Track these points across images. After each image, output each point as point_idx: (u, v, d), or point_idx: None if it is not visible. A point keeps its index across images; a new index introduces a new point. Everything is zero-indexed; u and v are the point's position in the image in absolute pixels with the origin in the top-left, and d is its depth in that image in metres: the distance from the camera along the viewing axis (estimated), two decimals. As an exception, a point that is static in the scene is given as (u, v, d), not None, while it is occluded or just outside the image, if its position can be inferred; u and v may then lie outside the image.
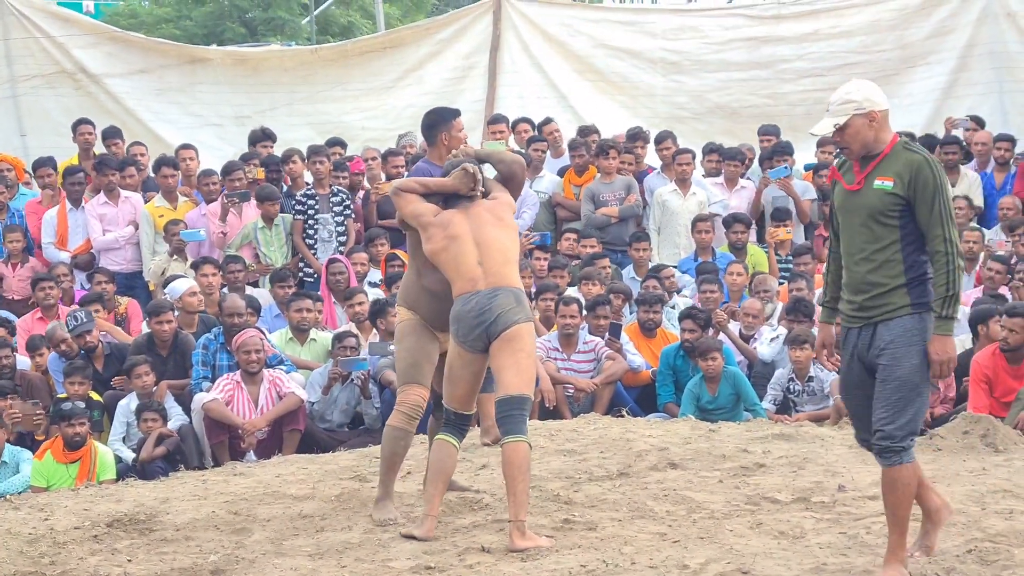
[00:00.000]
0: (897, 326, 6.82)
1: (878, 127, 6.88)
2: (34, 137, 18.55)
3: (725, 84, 18.77)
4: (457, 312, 8.05)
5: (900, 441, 6.79)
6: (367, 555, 7.58)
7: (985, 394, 10.97)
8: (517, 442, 7.84)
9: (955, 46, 18.23)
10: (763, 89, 18.69)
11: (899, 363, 6.80)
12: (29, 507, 9.20)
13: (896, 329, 6.82)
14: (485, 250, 8.11)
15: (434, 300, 8.41)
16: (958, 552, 7.13)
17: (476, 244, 8.13)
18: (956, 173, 15.96)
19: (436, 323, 8.43)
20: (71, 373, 12.25)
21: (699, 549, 7.42)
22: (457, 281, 8.08)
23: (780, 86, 18.67)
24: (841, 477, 8.82)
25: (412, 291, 8.53)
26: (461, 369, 8.10)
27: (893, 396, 6.79)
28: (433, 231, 8.20)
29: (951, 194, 6.88)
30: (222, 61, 19.31)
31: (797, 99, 18.52)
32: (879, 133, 6.89)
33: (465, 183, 8.35)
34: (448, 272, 8.16)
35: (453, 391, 8.16)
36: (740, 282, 14.10)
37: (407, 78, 19.05)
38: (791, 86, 18.64)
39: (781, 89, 18.65)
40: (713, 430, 10.53)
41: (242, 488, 9.41)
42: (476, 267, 8.06)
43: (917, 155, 6.82)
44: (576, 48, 19.04)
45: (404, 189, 8.39)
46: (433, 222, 8.22)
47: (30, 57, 18.64)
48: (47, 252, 15.13)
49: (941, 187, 6.75)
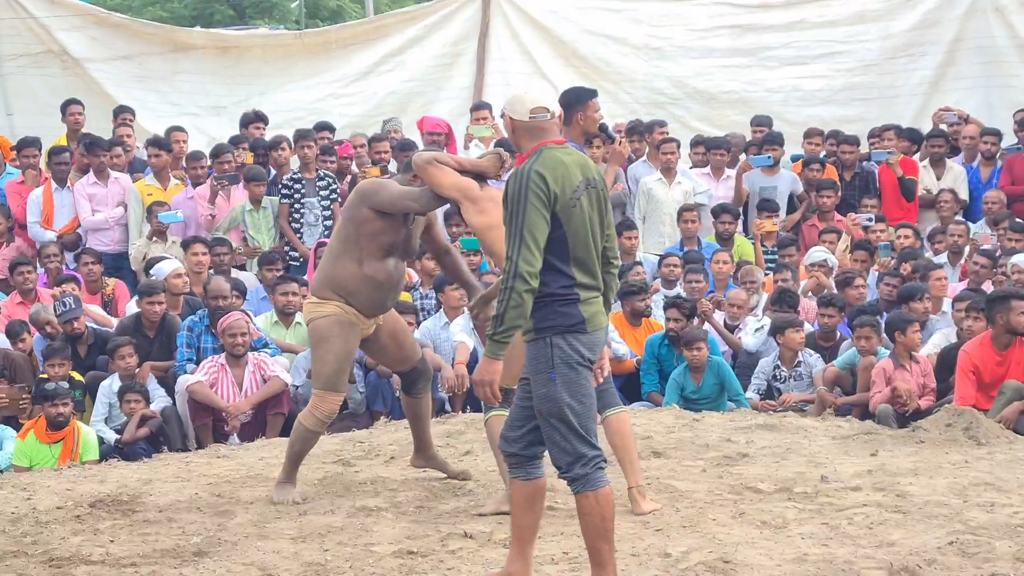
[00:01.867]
0: (528, 352, 6.60)
1: (518, 135, 6.69)
2: (20, 117, 18.50)
3: (707, 70, 18.76)
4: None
5: (566, 472, 6.49)
6: (349, 539, 7.58)
7: (972, 385, 11.00)
8: (621, 412, 8.24)
9: (942, 40, 18.24)
10: (744, 76, 18.67)
11: (535, 394, 6.54)
12: (11, 486, 9.20)
13: (527, 356, 6.61)
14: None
15: (376, 289, 8.47)
16: (939, 544, 7.15)
17: None
18: (942, 166, 16.01)
19: (372, 311, 8.51)
20: (50, 355, 12.21)
21: (681, 538, 7.44)
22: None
23: (761, 73, 18.65)
24: (824, 468, 8.86)
25: (349, 280, 8.46)
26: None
27: (543, 429, 6.54)
28: (487, 204, 8.15)
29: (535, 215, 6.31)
30: (205, 49, 19.23)
31: (776, 86, 18.53)
32: (519, 140, 6.70)
33: (496, 167, 8.38)
34: (499, 246, 7.96)
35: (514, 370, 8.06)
36: (726, 271, 14.11)
37: (387, 63, 19.01)
38: (772, 74, 18.63)
39: (761, 76, 18.64)
40: (697, 419, 10.56)
41: (225, 471, 9.43)
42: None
43: (522, 168, 6.49)
44: (563, 35, 19.00)
45: (440, 161, 8.31)
46: (483, 195, 8.20)
47: (17, 36, 18.59)
48: (33, 231, 15.09)
49: (519, 202, 6.36)
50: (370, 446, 10.06)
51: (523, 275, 6.28)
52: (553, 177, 6.42)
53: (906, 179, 15.58)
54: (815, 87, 18.49)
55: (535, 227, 6.34)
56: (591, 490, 6.44)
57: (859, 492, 8.27)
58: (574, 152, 6.67)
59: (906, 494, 8.16)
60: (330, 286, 8.52)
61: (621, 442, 8.20)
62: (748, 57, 18.69)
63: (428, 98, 18.83)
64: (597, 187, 6.61)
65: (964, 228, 14.64)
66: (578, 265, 6.49)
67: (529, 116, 6.64)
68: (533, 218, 6.34)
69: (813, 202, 15.56)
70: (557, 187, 6.41)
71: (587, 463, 6.45)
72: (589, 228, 6.52)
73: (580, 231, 6.48)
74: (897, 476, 8.60)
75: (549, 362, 6.45)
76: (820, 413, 11.44)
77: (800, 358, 12.33)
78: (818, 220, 15.45)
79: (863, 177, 15.91)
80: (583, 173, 6.56)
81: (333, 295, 8.50)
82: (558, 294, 6.44)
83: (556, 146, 6.59)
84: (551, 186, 6.39)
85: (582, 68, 18.82)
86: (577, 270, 6.49)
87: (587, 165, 6.63)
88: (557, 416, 6.45)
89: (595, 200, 6.59)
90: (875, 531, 7.47)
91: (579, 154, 6.70)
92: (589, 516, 6.45)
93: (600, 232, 6.62)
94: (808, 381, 12.29)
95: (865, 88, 18.41)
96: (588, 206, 6.53)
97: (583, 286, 6.51)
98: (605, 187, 6.70)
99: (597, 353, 6.57)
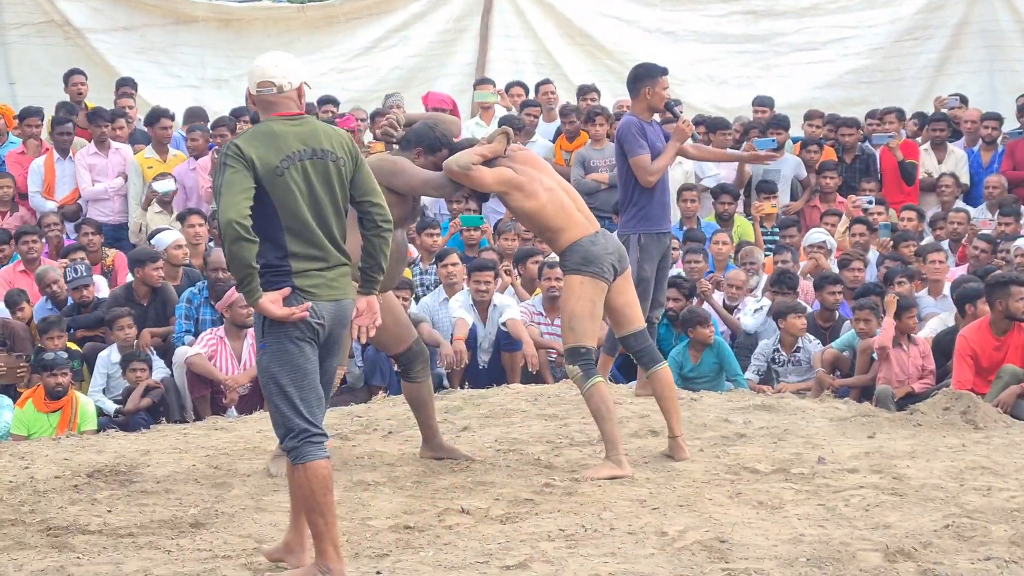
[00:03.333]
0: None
1: (257, 107, 6.73)
2: (23, 86, 18.48)
3: (720, 55, 18.76)
4: (593, 252, 8.38)
5: (281, 442, 6.57)
6: (346, 513, 7.58)
7: (970, 369, 11.01)
8: (665, 366, 8.77)
9: (947, 23, 18.25)
10: (756, 61, 18.69)
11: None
12: (10, 455, 9.21)
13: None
14: (572, 195, 8.57)
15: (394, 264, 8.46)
16: (935, 527, 7.15)
17: (564, 191, 8.52)
18: (944, 150, 16.01)
19: (389, 285, 8.53)
20: (47, 329, 12.16)
21: (678, 516, 7.45)
22: (571, 228, 8.39)
23: (773, 59, 18.67)
24: (821, 449, 8.86)
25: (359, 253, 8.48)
26: (602, 303, 8.51)
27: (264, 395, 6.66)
28: (532, 187, 8.35)
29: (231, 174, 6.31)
30: (207, 21, 19.21)
31: (787, 71, 18.53)
32: (257, 112, 6.77)
33: (503, 145, 8.44)
34: (556, 222, 8.39)
35: (596, 328, 8.58)
36: (725, 251, 14.12)
37: (391, 38, 19.00)
38: (784, 59, 18.64)
39: (775, 61, 18.65)
40: (695, 399, 10.55)
41: (223, 443, 9.44)
42: (577, 212, 8.46)
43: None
44: (570, 13, 18.99)
45: (473, 164, 8.27)
46: (526, 181, 8.37)
47: (20, 5, 18.62)
48: (34, 201, 15.10)
49: (218, 170, 6.46)
50: (368, 420, 10.07)
51: (230, 224, 6.25)
52: (253, 147, 6.41)
53: (906, 163, 15.58)
54: (823, 72, 18.50)
55: (232, 182, 6.33)
56: (300, 463, 6.45)
57: (856, 474, 8.28)
58: (305, 123, 6.57)
59: (903, 477, 8.17)
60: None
61: (664, 393, 8.66)
62: (761, 43, 18.71)
63: (431, 73, 18.84)
64: (327, 158, 6.53)
65: (964, 216, 14.64)
66: (292, 235, 6.45)
67: (256, 90, 6.64)
68: (229, 176, 6.36)
69: (815, 183, 15.56)
70: (256, 155, 6.38)
71: (297, 435, 6.45)
72: (306, 198, 6.46)
73: (290, 201, 6.43)
74: (894, 459, 8.60)
75: (260, 331, 6.49)
76: (818, 395, 11.45)
77: (800, 343, 12.33)
78: (820, 201, 15.46)
79: (863, 160, 15.92)
80: (306, 143, 6.49)
81: None
82: (272, 264, 6.43)
83: (281, 118, 6.55)
84: (246, 153, 6.38)
85: (587, 47, 18.81)
86: (291, 240, 6.45)
87: (314, 136, 6.53)
88: (268, 386, 6.49)
89: (322, 169, 6.51)
90: (871, 513, 7.48)
91: (311, 125, 6.59)
92: (299, 489, 6.49)
93: (331, 201, 6.53)
94: (807, 367, 12.29)
95: (870, 72, 18.44)
96: (307, 175, 6.46)
97: (299, 256, 6.46)
98: (352, 157, 6.61)
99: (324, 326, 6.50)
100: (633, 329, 8.65)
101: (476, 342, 12.58)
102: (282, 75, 6.60)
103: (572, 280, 8.42)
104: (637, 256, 10.14)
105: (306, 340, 6.45)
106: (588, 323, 8.42)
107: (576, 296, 8.40)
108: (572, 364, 8.42)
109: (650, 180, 10.11)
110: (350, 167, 6.60)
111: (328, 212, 6.52)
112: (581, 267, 8.38)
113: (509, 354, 12.52)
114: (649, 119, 10.30)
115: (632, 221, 10.24)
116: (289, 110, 6.59)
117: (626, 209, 10.32)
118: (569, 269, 8.45)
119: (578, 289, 8.39)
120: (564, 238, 8.41)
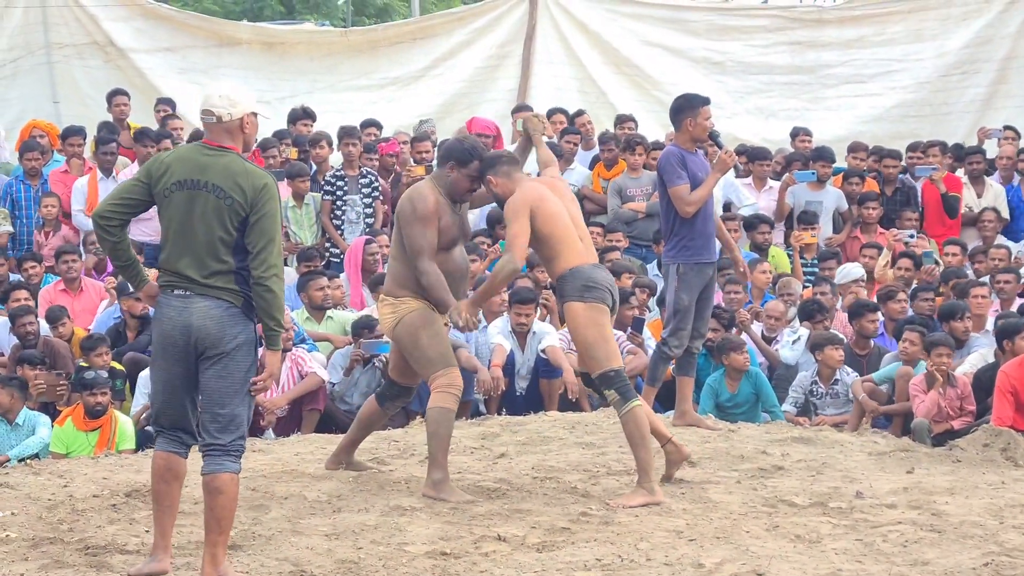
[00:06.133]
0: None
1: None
2: (66, 105, 18.63)
3: (767, 87, 18.78)
4: (594, 277, 8.47)
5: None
6: (383, 537, 7.60)
7: (1011, 405, 10.93)
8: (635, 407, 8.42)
9: (993, 57, 18.23)
10: (804, 93, 18.71)
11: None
12: (49, 473, 9.25)
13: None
14: (578, 224, 8.71)
15: (450, 281, 8.64)
16: (974, 565, 7.11)
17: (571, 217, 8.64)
18: (982, 184, 15.93)
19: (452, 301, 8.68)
20: (93, 347, 12.22)
21: (715, 549, 7.43)
22: (569, 254, 8.49)
23: (821, 91, 18.70)
24: (859, 483, 8.82)
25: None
26: (611, 326, 8.68)
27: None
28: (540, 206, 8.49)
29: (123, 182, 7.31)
30: (250, 44, 19.32)
31: (835, 104, 18.55)
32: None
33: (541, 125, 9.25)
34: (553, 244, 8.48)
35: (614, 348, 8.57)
36: (764, 280, 14.08)
37: (438, 67, 19.08)
38: (831, 91, 18.67)
39: (822, 94, 18.68)
40: (732, 430, 10.52)
41: (260, 465, 9.44)
42: (578, 241, 8.57)
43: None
44: (614, 42, 19.03)
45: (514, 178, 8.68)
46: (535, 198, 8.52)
47: (64, 26, 18.78)
48: (77, 219, 15.18)
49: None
50: (405, 445, 10.07)
51: (92, 218, 7.05)
52: (159, 163, 6.94)
53: (949, 196, 15.53)
54: (870, 105, 18.51)
55: (120, 187, 7.10)
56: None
57: (894, 509, 8.24)
58: (220, 156, 6.87)
59: (942, 513, 8.13)
60: (407, 285, 8.62)
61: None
62: (808, 74, 18.76)
63: (474, 99, 18.88)
64: (215, 193, 6.79)
65: (1006, 252, 14.57)
66: (166, 254, 6.92)
67: (200, 116, 7.01)
68: (124, 182, 7.21)
69: (856, 215, 15.52)
70: (156, 173, 6.90)
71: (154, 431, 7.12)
72: (182, 223, 6.82)
73: (168, 224, 6.89)
74: (933, 495, 8.56)
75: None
76: (856, 427, 11.40)
77: (838, 376, 12.28)
78: (860, 233, 15.41)
79: (904, 192, 15.87)
80: (203, 175, 6.83)
81: (409, 293, 8.60)
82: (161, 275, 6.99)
83: (204, 147, 6.95)
84: (152, 170, 6.93)
85: (634, 76, 18.86)
86: (164, 258, 6.93)
87: (218, 171, 6.83)
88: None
89: (203, 202, 6.81)
90: (910, 549, 7.44)
91: (224, 161, 6.86)
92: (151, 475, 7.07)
93: (206, 233, 6.80)
94: (845, 399, 12.24)
95: (919, 105, 18.43)
96: (189, 204, 6.81)
97: (166, 271, 6.92)
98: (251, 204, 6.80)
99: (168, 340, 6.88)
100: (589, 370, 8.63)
101: (514, 368, 12.57)
102: (223, 106, 6.94)
103: (575, 308, 8.45)
104: (675, 285, 10.15)
105: (162, 351, 6.93)
106: (604, 346, 8.45)
107: (583, 324, 8.45)
108: (608, 389, 8.42)
109: (687, 211, 10.10)
110: (241, 211, 6.82)
111: (200, 243, 6.83)
112: (583, 294, 8.44)
113: (547, 381, 12.50)
114: (692, 150, 10.29)
115: (673, 251, 10.25)
116: (219, 140, 6.94)
117: (668, 239, 10.33)
118: (569, 297, 8.48)
119: (583, 316, 8.44)
120: (561, 263, 8.49)
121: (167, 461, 6.95)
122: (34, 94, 18.74)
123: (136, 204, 6.96)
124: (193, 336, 6.81)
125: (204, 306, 6.81)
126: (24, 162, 15.42)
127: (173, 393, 6.92)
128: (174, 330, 6.84)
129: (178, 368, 6.87)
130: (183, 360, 6.85)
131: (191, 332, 6.81)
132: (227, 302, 6.83)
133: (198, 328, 6.80)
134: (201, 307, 6.81)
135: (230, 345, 6.82)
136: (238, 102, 6.95)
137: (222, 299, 6.83)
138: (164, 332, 6.89)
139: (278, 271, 6.87)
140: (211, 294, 6.82)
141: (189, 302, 6.82)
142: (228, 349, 6.82)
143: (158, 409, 7.03)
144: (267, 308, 6.85)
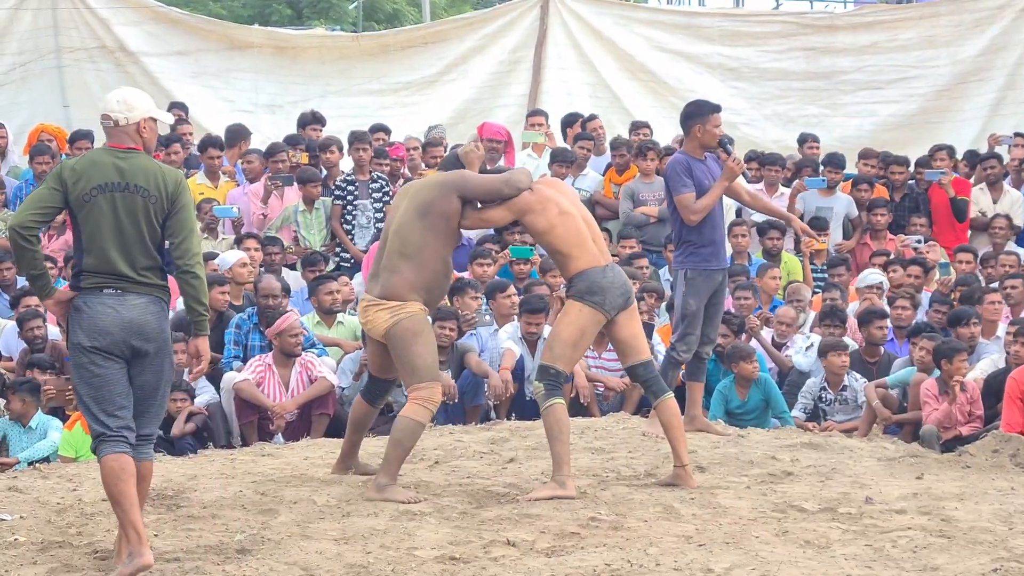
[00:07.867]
0: None
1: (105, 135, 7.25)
2: (76, 109, 18.64)
3: (783, 92, 18.79)
4: (600, 283, 8.62)
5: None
6: (392, 542, 7.60)
7: (1020, 411, 10.92)
8: (671, 397, 8.88)
9: (1005, 64, 18.23)
10: (821, 99, 18.72)
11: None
12: (57, 477, 9.27)
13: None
14: (591, 225, 8.84)
15: (447, 281, 8.98)
16: (984, 570, 7.10)
17: (583, 219, 8.77)
18: (999, 190, 15.90)
19: (434, 305, 8.97)
20: None
21: (724, 554, 7.42)
22: (582, 256, 8.65)
23: (838, 97, 18.71)
24: (869, 489, 8.81)
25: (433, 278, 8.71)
26: (593, 335, 8.82)
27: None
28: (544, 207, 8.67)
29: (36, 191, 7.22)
30: (262, 47, 19.32)
31: (854, 111, 18.56)
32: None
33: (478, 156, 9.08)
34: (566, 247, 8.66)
35: (576, 356, 8.90)
36: (774, 286, 14.06)
37: (450, 72, 19.08)
38: (849, 98, 18.68)
39: (840, 100, 18.69)
40: (742, 435, 10.52)
41: (270, 469, 9.46)
42: (591, 243, 8.70)
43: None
44: (627, 47, 19.03)
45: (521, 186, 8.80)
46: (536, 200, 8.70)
47: (75, 30, 18.78)
48: (84, 225, 15.16)
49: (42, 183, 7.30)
50: (414, 450, 10.05)
51: (11, 229, 7.03)
52: (71, 171, 7.06)
53: (958, 199, 15.50)
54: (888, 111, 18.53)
55: (34, 196, 7.12)
56: (99, 461, 7.04)
57: (904, 515, 8.22)
58: (130, 158, 7.10)
59: (951, 519, 8.11)
60: (414, 287, 8.63)
61: (671, 422, 8.84)
62: (824, 80, 18.82)
63: (485, 104, 18.88)
64: (138, 193, 7.04)
65: (1015, 258, 14.54)
66: (89, 255, 7.06)
67: (101, 120, 7.18)
68: (37, 190, 7.16)
69: (866, 221, 15.50)
70: (70, 180, 7.02)
71: (96, 437, 7.07)
72: (110, 226, 7.01)
73: (91, 225, 7.03)
74: (942, 500, 8.55)
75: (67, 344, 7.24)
76: (866, 433, 11.39)
77: (847, 382, 12.27)
78: (870, 239, 15.39)
79: (912, 198, 15.85)
80: (123, 176, 7.05)
81: (415, 295, 8.63)
82: (74, 274, 7.15)
83: (111, 150, 7.14)
84: (63, 176, 7.04)
85: (650, 82, 18.86)
86: (87, 258, 7.06)
87: (133, 171, 7.06)
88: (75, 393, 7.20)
89: (130, 203, 7.05)
90: (919, 555, 7.43)
91: (135, 161, 7.09)
92: (103, 480, 7.03)
93: (136, 232, 7.06)
94: (854, 406, 12.23)
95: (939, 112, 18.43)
96: (113, 205, 7.02)
97: (90, 274, 7.05)
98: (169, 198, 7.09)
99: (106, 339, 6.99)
100: (640, 359, 8.85)
101: (524, 373, 12.56)
102: (121, 111, 7.17)
103: (572, 306, 8.68)
104: (683, 291, 10.16)
105: (98, 352, 7.00)
106: (569, 350, 8.72)
107: (569, 321, 8.69)
108: (539, 380, 8.72)
109: (692, 219, 10.08)
110: (163, 206, 7.10)
111: (131, 241, 7.05)
112: (584, 295, 8.62)
113: (558, 386, 12.47)
114: (700, 157, 10.27)
115: (682, 256, 10.25)
116: (122, 143, 7.16)
117: (677, 245, 10.34)
118: (573, 295, 8.69)
119: (574, 315, 8.66)
120: (573, 265, 8.66)
121: (120, 462, 7.01)
122: (44, 98, 18.75)
123: (53, 212, 7.12)
124: (133, 331, 6.99)
125: (140, 302, 7.04)
126: (34, 165, 15.43)
127: (111, 390, 7.02)
128: (112, 326, 6.99)
129: (115, 364, 7.04)
130: (120, 356, 7.03)
131: (131, 327, 6.99)
132: (158, 297, 7.11)
133: (140, 323, 7.01)
134: (138, 303, 7.03)
135: (165, 340, 7.08)
136: (135, 107, 7.18)
137: (153, 295, 7.09)
138: (99, 329, 6.99)
139: (200, 258, 7.22)
140: (144, 291, 7.05)
141: (123, 299, 7.01)
142: (163, 344, 7.08)
143: (97, 413, 7.05)
144: (195, 294, 7.14)
